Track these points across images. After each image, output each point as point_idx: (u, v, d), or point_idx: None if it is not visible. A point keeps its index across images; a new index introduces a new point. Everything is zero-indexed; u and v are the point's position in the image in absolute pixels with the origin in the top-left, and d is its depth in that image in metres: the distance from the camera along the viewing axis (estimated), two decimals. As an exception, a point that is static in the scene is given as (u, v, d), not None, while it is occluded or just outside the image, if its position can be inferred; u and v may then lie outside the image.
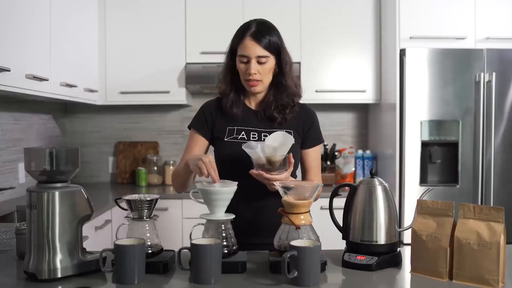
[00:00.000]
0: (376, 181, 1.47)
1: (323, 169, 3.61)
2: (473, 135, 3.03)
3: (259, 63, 1.70)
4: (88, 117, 3.83)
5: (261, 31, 1.71)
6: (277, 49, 1.73)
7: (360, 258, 1.41)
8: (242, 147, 1.52)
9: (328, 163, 3.61)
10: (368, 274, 1.36)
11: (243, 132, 1.75)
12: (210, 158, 1.51)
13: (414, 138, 3.05)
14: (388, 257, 1.42)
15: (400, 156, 3.12)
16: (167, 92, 3.46)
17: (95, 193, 3.18)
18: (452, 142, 3.05)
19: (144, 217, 1.43)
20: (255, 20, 1.77)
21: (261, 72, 1.70)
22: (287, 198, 1.41)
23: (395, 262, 1.44)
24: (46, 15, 2.56)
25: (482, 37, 3.13)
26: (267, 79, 1.74)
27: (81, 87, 3.05)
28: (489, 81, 2.99)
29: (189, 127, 1.84)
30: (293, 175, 1.76)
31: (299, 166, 1.84)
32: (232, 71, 1.77)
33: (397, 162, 3.13)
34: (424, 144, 3.06)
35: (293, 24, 3.46)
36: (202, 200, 1.46)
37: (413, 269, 1.37)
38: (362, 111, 3.87)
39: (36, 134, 3.28)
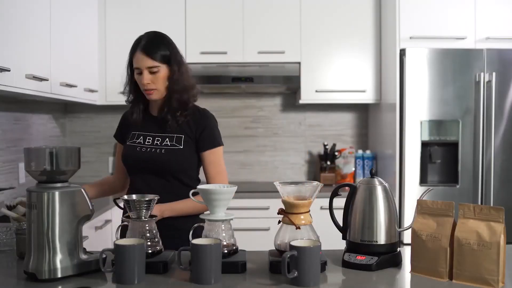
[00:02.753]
0: (376, 181, 1.47)
1: (323, 169, 3.62)
2: (473, 135, 3.03)
3: (152, 73, 1.82)
4: (88, 117, 3.83)
5: (150, 44, 1.84)
6: (167, 59, 1.85)
7: (360, 258, 1.41)
8: None
9: (328, 163, 3.61)
10: (368, 274, 1.36)
11: (141, 137, 1.89)
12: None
13: (414, 138, 3.05)
14: (388, 257, 1.42)
15: (400, 156, 3.12)
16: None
17: (95, 193, 3.17)
18: (452, 142, 3.05)
19: (143, 217, 1.43)
20: (147, 33, 1.91)
21: (154, 81, 1.82)
22: (287, 198, 1.41)
23: (395, 262, 1.44)
24: (46, 15, 2.56)
25: (482, 37, 3.13)
26: (162, 86, 1.84)
27: (81, 87, 3.05)
28: (489, 81, 2.99)
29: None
30: (189, 179, 1.88)
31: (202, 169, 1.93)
32: (134, 82, 1.89)
33: (397, 162, 3.13)
34: (424, 144, 3.06)
35: (293, 24, 3.46)
36: (202, 201, 1.46)
37: (413, 269, 1.37)
38: (362, 111, 3.87)
39: (36, 134, 3.28)
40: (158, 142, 1.85)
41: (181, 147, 1.84)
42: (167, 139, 1.85)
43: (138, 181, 1.89)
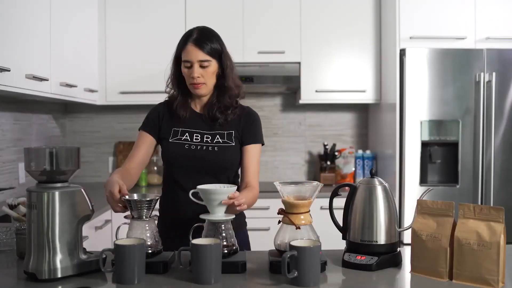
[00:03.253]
0: (376, 181, 1.47)
1: (323, 169, 3.62)
2: (473, 135, 3.03)
3: (202, 67, 1.79)
4: (88, 117, 3.83)
5: (202, 37, 1.83)
6: (218, 54, 1.83)
7: (360, 258, 1.41)
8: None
9: (328, 163, 3.61)
10: (368, 274, 1.36)
11: (186, 134, 1.84)
12: (111, 190, 1.51)
13: (414, 138, 3.05)
14: (388, 257, 1.42)
15: (400, 156, 3.12)
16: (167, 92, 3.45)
17: (95, 193, 3.16)
18: (452, 142, 3.05)
19: (144, 217, 1.43)
20: (197, 27, 1.88)
21: (204, 75, 1.80)
22: (287, 198, 1.41)
23: (395, 262, 1.44)
24: (46, 15, 2.56)
25: (482, 37, 3.13)
26: (211, 82, 1.83)
27: (81, 87, 3.05)
28: (489, 81, 2.99)
29: (139, 129, 1.93)
30: (234, 175, 1.87)
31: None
32: (179, 76, 1.88)
33: (397, 162, 3.13)
34: (424, 144, 3.06)
35: (293, 24, 3.46)
36: (201, 202, 1.46)
37: (413, 269, 1.37)
38: (362, 111, 3.87)
39: (36, 134, 3.28)
40: (208, 140, 1.81)
41: (233, 144, 1.82)
42: (218, 136, 1.82)
43: (183, 178, 1.81)
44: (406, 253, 1.48)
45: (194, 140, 1.81)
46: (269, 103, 3.87)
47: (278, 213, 1.43)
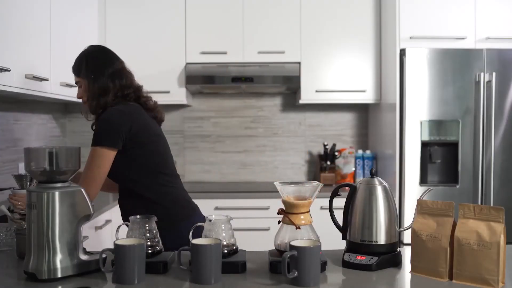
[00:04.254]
0: (376, 181, 1.47)
1: (323, 169, 3.62)
2: (473, 135, 3.03)
3: (80, 87, 1.96)
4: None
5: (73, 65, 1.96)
6: (78, 71, 1.94)
7: (360, 258, 1.41)
8: None
9: (328, 163, 3.61)
10: (368, 274, 1.36)
11: None
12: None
13: (414, 138, 3.05)
14: (388, 257, 1.42)
15: (400, 156, 3.12)
16: (167, 92, 3.46)
17: (95, 193, 3.17)
18: (452, 142, 3.05)
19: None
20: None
21: (81, 94, 1.97)
22: (287, 198, 1.41)
23: (395, 262, 1.44)
24: (46, 15, 2.56)
25: (482, 37, 3.13)
26: (88, 98, 1.95)
27: (81, 87, 3.05)
28: (489, 81, 2.99)
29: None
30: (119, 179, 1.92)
31: None
32: None
33: (397, 162, 3.13)
34: (424, 144, 3.06)
35: (293, 24, 3.46)
36: None
37: (413, 269, 1.37)
38: (362, 111, 3.87)
39: (36, 134, 3.28)
40: None
41: None
42: None
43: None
44: (406, 253, 1.48)
45: None
46: (269, 103, 3.87)
47: (278, 213, 1.43)
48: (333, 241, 1.65)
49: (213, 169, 3.86)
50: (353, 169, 3.65)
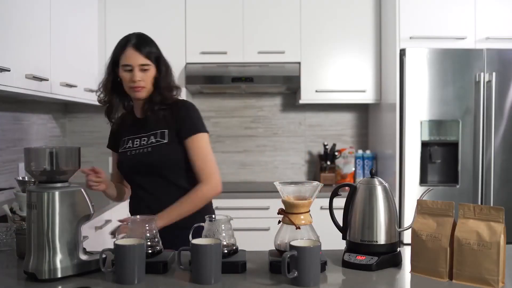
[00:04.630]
0: (376, 181, 1.47)
1: (323, 169, 3.62)
2: (473, 135, 3.03)
3: (142, 70, 1.82)
4: (88, 117, 3.83)
5: (141, 42, 1.85)
6: (157, 58, 1.86)
7: (360, 258, 1.41)
8: None
9: (328, 163, 3.61)
10: (368, 274, 1.36)
11: (130, 141, 1.90)
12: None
13: (414, 138, 3.05)
14: (388, 257, 1.42)
15: (400, 156, 3.12)
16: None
17: (95, 193, 3.17)
18: (452, 142, 3.05)
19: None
20: (134, 33, 1.90)
21: (144, 79, 1.82)
22: (287, 198, 1.41)
23: (395, 262, 1.44)
24: (46, 15, 2.56)
25: (482, 37, 3.13)
26: (150, 85, 1.84)
27: (81, 87, 3.05)
28: (489, 81, 2.99)
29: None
30: (182, 173, 1.85)
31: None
32: (113, 81, 1.89)
33: (397, 162, 3.13)
34: (424, 144, 3.06)
35: (293, 24, 3.46)
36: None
37: (413, 269, 1.37)
38: (362, 111, 3.87)
39: (36, 134, 3.28)
40: (144, 142, 1.85)
41: (166, 141, 1.82)
42: (152, 136, 1.84)
43: (136, 187, 1.91)
44: (406, 253, 1.48)
45: (134, 146, 1.87)
46: (269, 103, 3.87)
47: (278, 213, 1.43)
48: (333, 241, 1.65)
49: (213, 169, 3.86)
50: (353, 169, 3.65)
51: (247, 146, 3.88)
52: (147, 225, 1.44)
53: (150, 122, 1.85)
